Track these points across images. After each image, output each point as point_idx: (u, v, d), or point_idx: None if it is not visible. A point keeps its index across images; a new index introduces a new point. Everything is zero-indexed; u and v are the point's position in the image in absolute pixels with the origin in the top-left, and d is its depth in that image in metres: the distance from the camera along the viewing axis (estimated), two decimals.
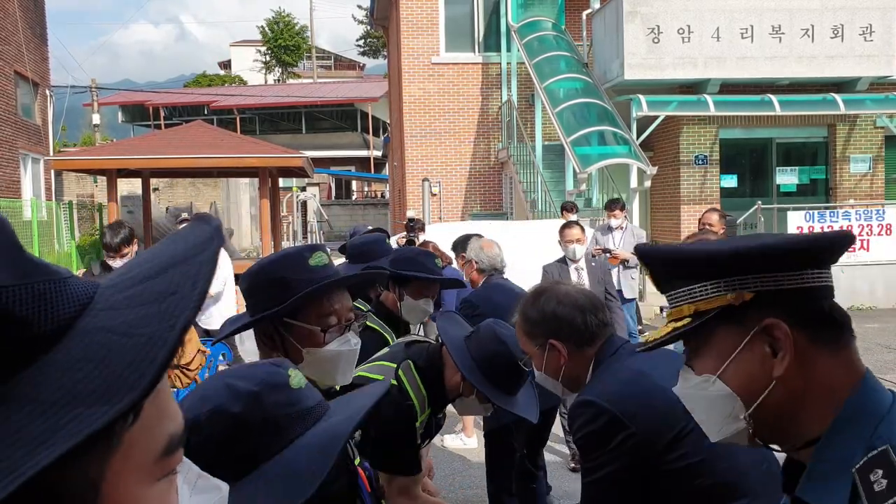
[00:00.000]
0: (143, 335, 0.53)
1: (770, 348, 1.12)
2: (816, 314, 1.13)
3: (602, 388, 1.87)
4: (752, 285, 1.12)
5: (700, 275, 1.16)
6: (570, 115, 13.87)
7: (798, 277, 1.12)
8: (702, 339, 1.18)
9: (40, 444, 0.49)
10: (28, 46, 19.81)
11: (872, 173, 14.91)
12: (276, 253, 1.86)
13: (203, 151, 16.60)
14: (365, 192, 40.07)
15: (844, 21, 13.88)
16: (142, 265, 0.61)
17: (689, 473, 1.75)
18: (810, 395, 1.11)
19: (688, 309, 1.18)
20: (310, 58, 53.14)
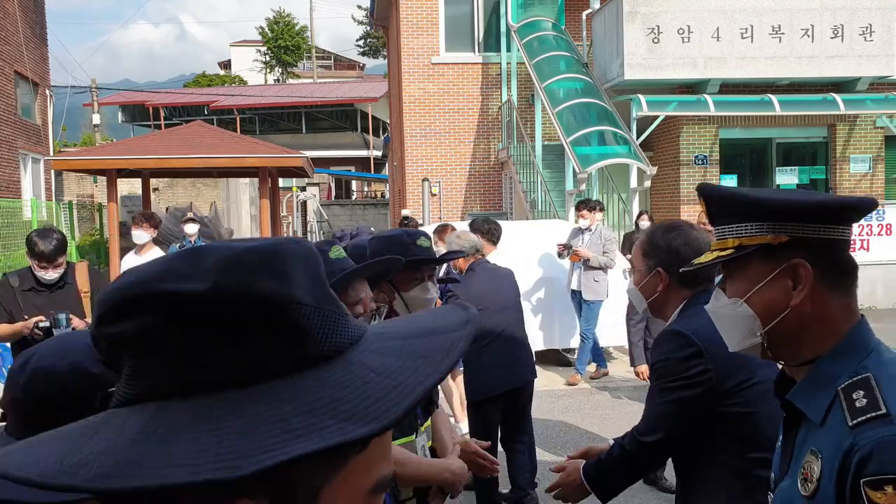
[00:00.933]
0: (396, 381, 0.64)
1: (791, 282, 1.42)
2: (834, 262, 1.42)
3: (694, 325, 2.10)
4: (790, 231, 1.41)
5: (749, 216, 1.44)
6: (570, 115, 13.87)
7: (825, 230, 1.41)
8: (738, 267, 1.48)
9: (296, 437, 0.58)
10: (28, 46, 19.81)
11: (872, 173, 14.91)
12: None
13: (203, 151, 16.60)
14: (365, 192, 40.06)
15: (844, 21, 13.88)
16: (405, 325, 0.74)
17: (738, 419, 2.03)
18: (815, 325, 1.41)
19: (732, 242, 1.47)
20: (310, 58, 53.13)
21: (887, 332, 10.07)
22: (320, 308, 0.67)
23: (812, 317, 1.41)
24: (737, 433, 2.04)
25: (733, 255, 1.46)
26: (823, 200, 1.43)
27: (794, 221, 1.41)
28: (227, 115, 38.67)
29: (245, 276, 0.64)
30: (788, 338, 1.43)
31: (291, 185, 28.65)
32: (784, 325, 1.42)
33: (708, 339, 2.02)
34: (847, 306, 1.43)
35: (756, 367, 2.03)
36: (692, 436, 2.10)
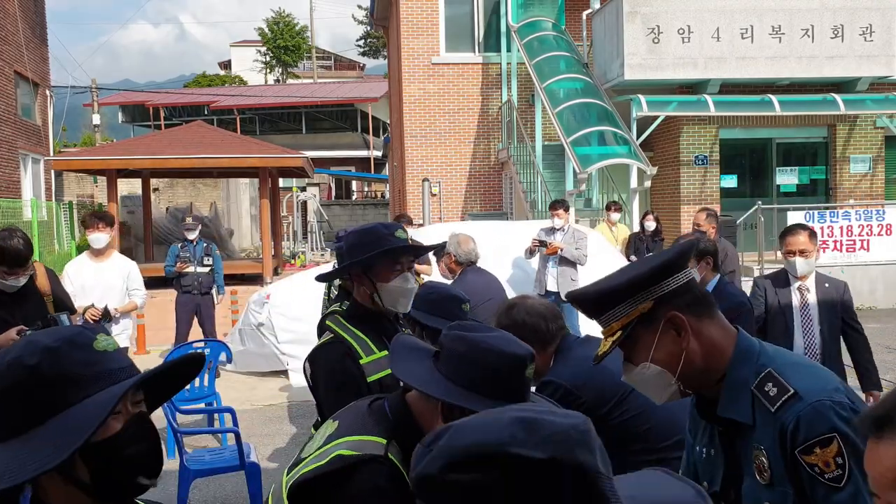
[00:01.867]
0: None
1: (675, 331, 1.67)
2: (693, 299, 1.70)
3: (558, 371, 2.54)
4: (650, 296, 1.67)
5: (615, 302, 1.69)
6: (570, 115, 13.87)
7: (672, 281, 1.68)
8: (632, 341, 1.70)
9: None
10: (28, 47, 19.81)
11: (872, 173, 14.91)
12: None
13: (203, 151, 16.60)
14: (365, 193, 40.07)
15: (844, 21, 13.88)
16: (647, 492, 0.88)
17: (633, 422, 2.41)
18: (707, 353, 1.68)
19: (616, 325, 1.70)
20: (310, 58, 53.14)
21: (887, 332, 10.05)
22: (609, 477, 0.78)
23: (702, 348, 1.68)
24: (638, 432, 2.42)
25: (624, 335, 1.69)
26: (656, 265, 1.70)
27: (648, 288, 1.68)
28: (228, 115, 38.67)
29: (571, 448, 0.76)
30: (694, 373, 1.69)
31: (291, 185, 28.64)
32: (686, 365, 1.68)
33: (573, 377, 2.48)
34: (721, 326, 1.72)
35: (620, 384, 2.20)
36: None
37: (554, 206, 8.47)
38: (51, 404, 1.16)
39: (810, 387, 1.57)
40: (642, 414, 2.40)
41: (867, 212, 12.60)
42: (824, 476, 1.50)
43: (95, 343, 1.25)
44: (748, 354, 1.67)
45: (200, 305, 8.84)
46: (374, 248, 2.54)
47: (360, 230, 2.69)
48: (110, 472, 1.23)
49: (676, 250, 1.75)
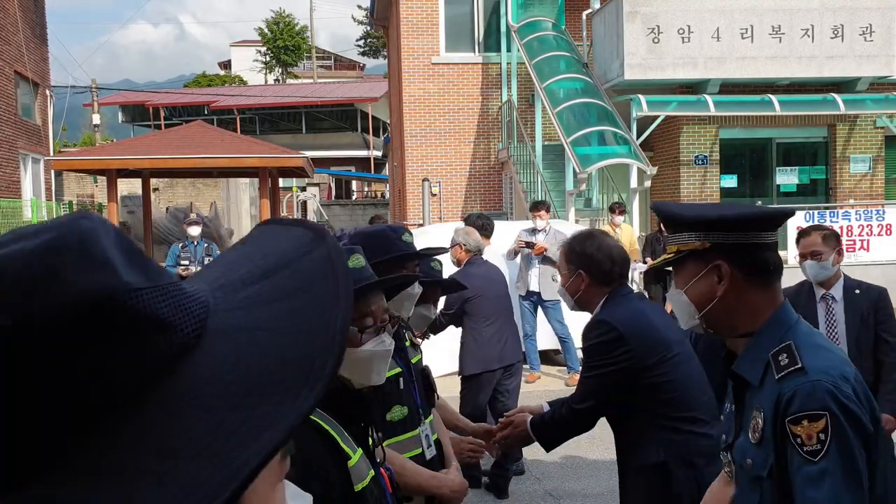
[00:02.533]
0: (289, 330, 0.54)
1: (717, 278, 1.82)
2: (754, 262, 1.81)
3: (614, 314, 2.61)
4: (712, 239, 1.82)
5: (683, 228, 1.87)
6: (570, 115, 13.87)
7: (742, 236, 1.81)
8: (680, 266, 1.90)
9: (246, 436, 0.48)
10: (28, 46, 19.81)
11: (872, 173, 14.91)
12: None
13: (203, 151, 16.61)
14: (365, 193, 40.07)
15: (844, 21, 13.88)
16: (240, 267, 0.62)
17: (662, 387, 2.53)
18: (740, 310, 1.82)
19: (672, 248, 1.90)
20: (310, 58, 53.13)
21: None
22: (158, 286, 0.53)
23: (736, 304, 1.82)
24: (662, 397, 2.53)
25: (673, 258, 1.89)
26: (741, 213, 1.84)
27: (717, 231, 1.82)
28: (228, 115, 38.67)
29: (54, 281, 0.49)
30: (719, 319, 1.85)
31: (292, 185, 28.65)
32: (714, 310, 1.84)
33: (628, 325, 2.58)
34: (769, 295, 1.83)
35: (671, 344, 2.58)
36: (620, 402, 2.59)
37: (536, 207, 8.57)
38: None
39: (818, 366, 1.66)
40: (671, 383, 2.53)
41: (867, 212, 12.60)
42: (803, 448, 1.60)
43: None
44: (781, 325, 1.79)
45: None
46: (383, 254, 2.53)
47: (368, 233, 2.71)
48: None
49: (764, 210, 1.92)
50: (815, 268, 3.99)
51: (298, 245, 0.62)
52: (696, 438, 2.51)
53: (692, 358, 2.66)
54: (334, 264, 0.60)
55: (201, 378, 0.52)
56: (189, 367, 0.52)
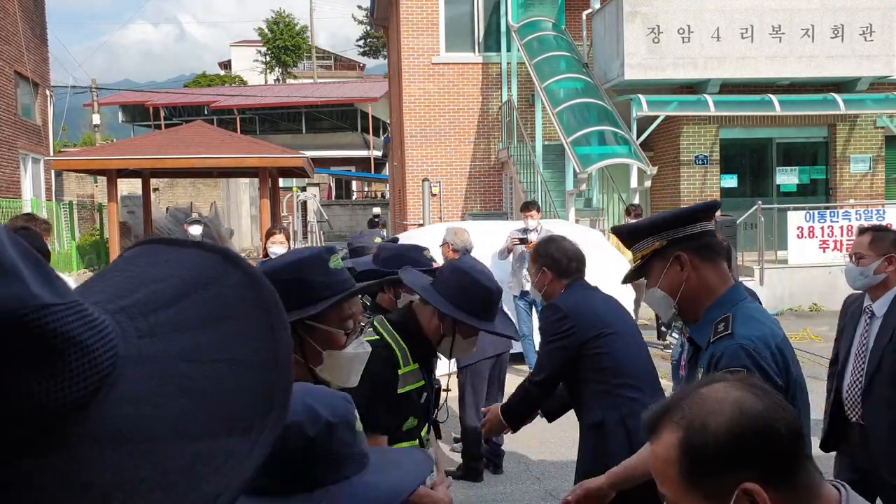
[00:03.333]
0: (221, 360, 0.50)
1: (679, 267, 2.20)
2: (702, 245, 2.22)
3: (562, 299, 3.14)
4: (665, 237, 2.22)
5: (638, 237, 2.27)
6: (571, 115, 13.87)
7: (688, 228, 2.22)
8: (648, 270, 2.27)
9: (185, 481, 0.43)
10: (28, 46, 19.81)
11: (872, 173, 14.91)
12: (292, 254, 1.83)
13: (203, 151, 16.61)
14: (365, 193, 40.07)
15: (844, 21, 13.87)
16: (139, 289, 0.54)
17: (601, 358, 3.01)
18: (702, 290, 2.19)
19: (637, 256, 2.28)
20: (310, 58, 53.13)
21: None
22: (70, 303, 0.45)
23: (699, 284, 2.20)
24: (600, 366, 3.00)
25: (640, 263, 2.28)
26: (677, 214, 2.28)
27: (665, 230, 2.24)
28: (228, 115, 38.67)
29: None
30: (689, 303, 2.22)
31: (292, 185, 28.64)
32: (684, 295, 2.21)
33: (572, 307, 3.08)
34: (720, 273, 2.23)
35: (610, 322, 3.06)
36: (570, 372, 3.07)
37: (527, 207, 8.63)
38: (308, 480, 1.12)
39: (744, 333, 2.04)
40: (607, 354, 3.02)
41: (867, 211, 12.59)
42: None
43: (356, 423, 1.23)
44: (729, 301, 2.17)
45: None
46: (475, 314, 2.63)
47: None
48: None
49: (697, 206, 2.34)
50: (853, 272, 3.55)
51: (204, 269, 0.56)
52: (629, 402, 2.93)
53: (632, 336, 3.14)
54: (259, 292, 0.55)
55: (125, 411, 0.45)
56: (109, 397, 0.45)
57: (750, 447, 1.15)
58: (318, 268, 1.75)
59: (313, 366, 1.72)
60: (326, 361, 1.75)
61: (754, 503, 1.15)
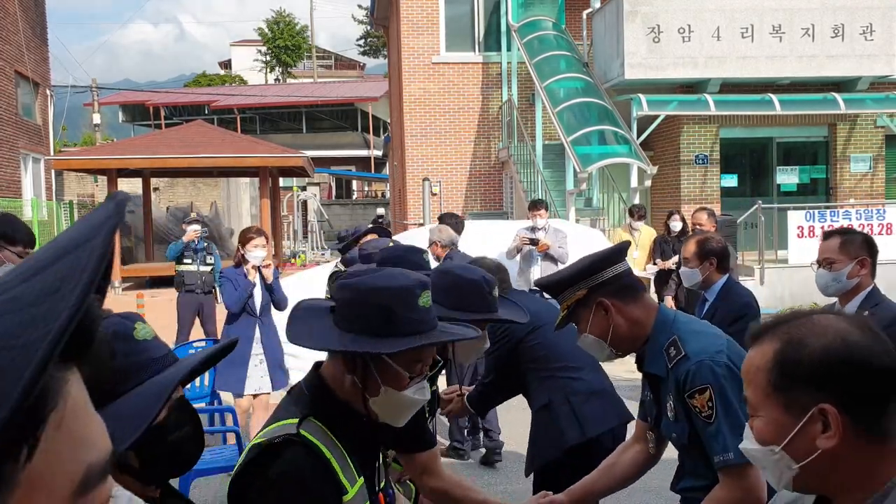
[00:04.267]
0: (16, 346, 0.44)
1: (605, 311, 2.29)
2: (621, 287, 2.32)
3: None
4: (584, 286, 2.32)
5: (563, 287, 2.38)
6: (571, 114, 13.87)
7: (602, 274, 2.32)
8: (576, 317, 2.38)
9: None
10: (28, 46, 19.81)
11: (873, 173, 14.91)
12: (384, 277, 1.72)
13: (203, 151, 16.62)
14: (365, 192, 40.08)
15: (845, 20, 13.87)
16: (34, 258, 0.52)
17: (537, 348, 3.35)
18: (631, 326, 2.30)
19: (564, 304, 2.39)
20: (310, 57, 53.12)
21: None
22: None
23: (627, 323, 2.30)
24: (537, 355, 3.35)
25: (568, 313, 2.39)
26: (591, 261, 2.37)
27: (582, 280, 2.34)
28: (228, 114, 38.67)
29: None
30: (623, 340, 2.33)
31: (292, 184, 28.64)
32: (615, 335, 2.31)
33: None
34: (644, 306, 2.34)
35: (539, 316, 3.30)
36: (513, 366, 3.40)
37: (535, 206, 8.56)
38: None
39: (696, 350, 2.17)
40: (541, 344, 3.35)
41: (867, 211, 12.60)
42: (701, 414, 2.12)
43: (135, 332, 1.27)
44: (664, 325, 2.29)
45: (203, 305, 8.83)
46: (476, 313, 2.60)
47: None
48: (158, 457, 1.31)
49: (608, 250, 2.47)
50: (824, 277, 3.38)
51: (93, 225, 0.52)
52: (571, 382, 3.29)
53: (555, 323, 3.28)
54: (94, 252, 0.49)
55: None
56: None
57: (837, 373, 1.21)
58: (409, 302, 1.66)
59: (369, 395, 1.65)
60: (382, 397, 1.67)
61: (827, 425, 1.21)
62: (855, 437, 1.22)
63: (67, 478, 0.48)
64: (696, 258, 4.17)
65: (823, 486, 1.31)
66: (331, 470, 1.59)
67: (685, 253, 4.27)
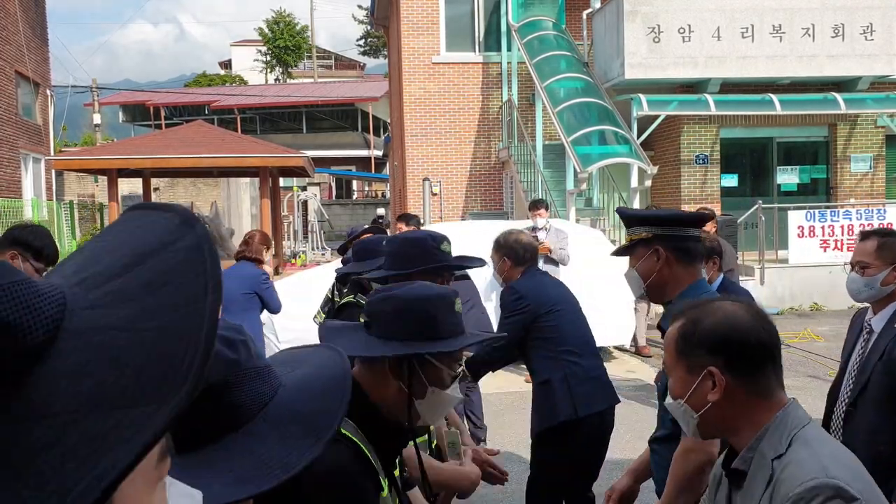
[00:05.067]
0: (151, 329, 0.50)
1: (656, 258, 2.63)
2: (681, 248, 2.63)
3: (520, 283, 3.86)
4: (652, 231, 2.65)
5: (632, 224, 2.73)
6: (571, 114, 13.86)
7: (672, 230, 2.63)
8: (633, 251, 2.71)
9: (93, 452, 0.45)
10: (29, 46, 19.81)
11: (873, 173, 14.91)
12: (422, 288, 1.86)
13: (204, 151, 16.61)
14: (365, 192, 40.08)
15: (845, 20, 13.87)
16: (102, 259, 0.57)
17: (549, 329, 3.75)
18: (669, 282, 2.64)
19: (628, 239, 2.74)
20: (310, 57, 53.13)
21: None
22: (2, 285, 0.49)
23: (667, 277, 2.65)
24: (548, 336, 3.74)
25: (628, 245, 2.75)
26: (670, 214, 2.79)
27: (655, 226, 2.66)
28: (228, 114, 38.67)
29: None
30: (656, 288, 2.69)
31: (292, 184, 28.63)
32: (653, 281, 2.67)
33: (528, 289, 3.79)
34: (690, 272, 2.65)
35: (557, 301, 3.79)
36: (523, 340, 3.77)
37: (535, 205, 8.59)
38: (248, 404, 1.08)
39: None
40: (554, 327, 3.75)
41: (868, 211, 12.60)
42: None
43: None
44: (694, 291, 2.56)
45: None
46: (421, 263, 2.60)
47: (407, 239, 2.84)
48: None
49: (688, 213, 2.84)
50: (856, 283, 3.13)
51: (163, 234, 0.57)
52: (570, 364, 3.70)
53: (574, 312, 3.87)
54: (203, 255, 0.55)
55: (56, 386, 0.47)
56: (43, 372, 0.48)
57: (723, 343, 1.63)
58: (447, 308, 1.81)
59: (416, 398, 1.74)
60: (429, 398, 1.77)
61: (714, 383, 1.63)
62: (736, 393, 1.62)
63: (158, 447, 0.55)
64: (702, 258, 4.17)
65: (718, 432, 1.73)
66: (371, 467, 1.65)
67: None
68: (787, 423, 1.61)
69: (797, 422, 1.62)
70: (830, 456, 1.55)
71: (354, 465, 1.62)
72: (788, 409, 1.64)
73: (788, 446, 1.58)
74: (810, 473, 1.50)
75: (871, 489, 1.56)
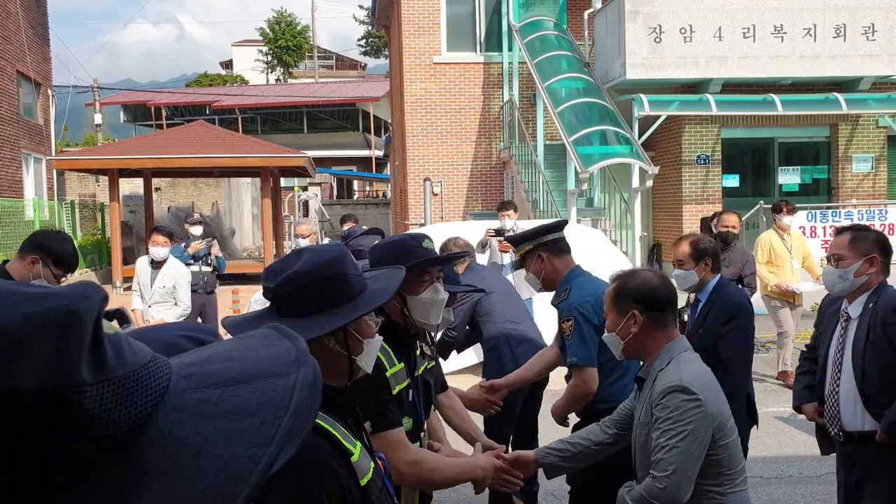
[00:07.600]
0: (221, 457, 0.53)
1: (541, 260, 3.69)
2: (555, 246, 3.70)
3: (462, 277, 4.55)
4: (531, 243, 3.70)
5: (520, 241, 3.78)
6: (572, 114, 13.85)
7: (543, 239, 3.69)
8: (525, 263, 3.76)
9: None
10: (30, 46, 19.81)
11: (875, 173, 14.89)
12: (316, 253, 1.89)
13: (205, 151, 16.62)
14: (366, 192, 40.06)
15: (846, 20, 13.85)
16: (219, 358, 0.62)
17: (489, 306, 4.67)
18: (553, 274, 3.70)
19: (518, 254, 3.78)
20: (311, 57, 53.13)
21: None
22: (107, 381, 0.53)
23: (551, 271, 3.66)
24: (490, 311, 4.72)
25: (521, 257, 3.74)
26: (538, 227, 3.78)
27: (532, 239, 3.70)
28: (229, 114, 38.67)
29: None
30: (548, 281, 3.68)
31: (293, 184, 28.63)
32: (544, 277, 3.68)
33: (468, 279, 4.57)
34: (565, 264, 3.68)
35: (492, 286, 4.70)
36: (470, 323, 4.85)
37: (504, 206, 8.62)
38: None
39: (575, 297, 3.50)
40: (493, 304, 4.69)
41: (869, 211, 12.57)
42: (565, 334, 3.51)
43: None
44: (569, 279, 3.62)
45: (205, 305, 8.84)
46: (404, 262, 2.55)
47: (389, 243, 2.82)
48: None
49: (551, 223, 3.82)
50: (831, 275, 3.31)
51: (275, 363, 0.61)
52: (511, 331, 4.58)
53: (506, 291, 4.88)
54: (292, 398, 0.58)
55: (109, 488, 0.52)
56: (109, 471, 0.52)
57: (641, 296, 2.56)
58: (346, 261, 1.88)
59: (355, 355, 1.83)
60: (365, 349, 1.87)
61: (636, 321, 2.54)
62: (648, 328, 2.54)
63: None
64: (691, 259, 4.08)
65: (637, 354, 2.62)
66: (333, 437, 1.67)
67: (678, 255, 4.15)
68: (672, 349, 2.51)
69: (679, 349, 2.51)
70: (688, 371, 2.43)
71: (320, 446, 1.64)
72: (675, 340, 2.54)
73: (667, 363, 2.46)
74: (672, 380, 2.38)
75: (717, 398, 2.41)
